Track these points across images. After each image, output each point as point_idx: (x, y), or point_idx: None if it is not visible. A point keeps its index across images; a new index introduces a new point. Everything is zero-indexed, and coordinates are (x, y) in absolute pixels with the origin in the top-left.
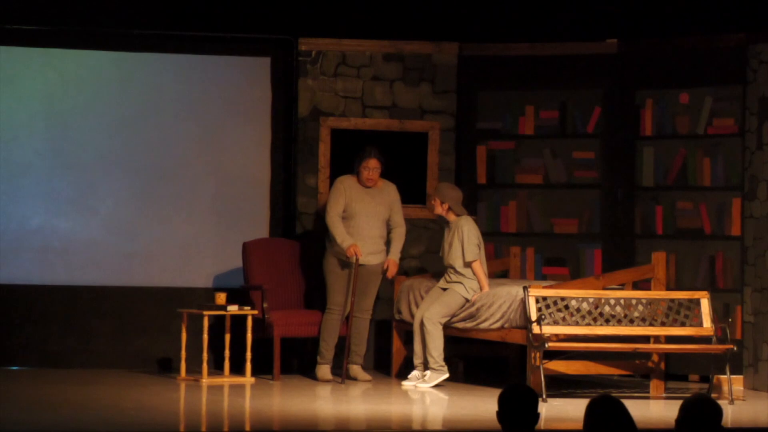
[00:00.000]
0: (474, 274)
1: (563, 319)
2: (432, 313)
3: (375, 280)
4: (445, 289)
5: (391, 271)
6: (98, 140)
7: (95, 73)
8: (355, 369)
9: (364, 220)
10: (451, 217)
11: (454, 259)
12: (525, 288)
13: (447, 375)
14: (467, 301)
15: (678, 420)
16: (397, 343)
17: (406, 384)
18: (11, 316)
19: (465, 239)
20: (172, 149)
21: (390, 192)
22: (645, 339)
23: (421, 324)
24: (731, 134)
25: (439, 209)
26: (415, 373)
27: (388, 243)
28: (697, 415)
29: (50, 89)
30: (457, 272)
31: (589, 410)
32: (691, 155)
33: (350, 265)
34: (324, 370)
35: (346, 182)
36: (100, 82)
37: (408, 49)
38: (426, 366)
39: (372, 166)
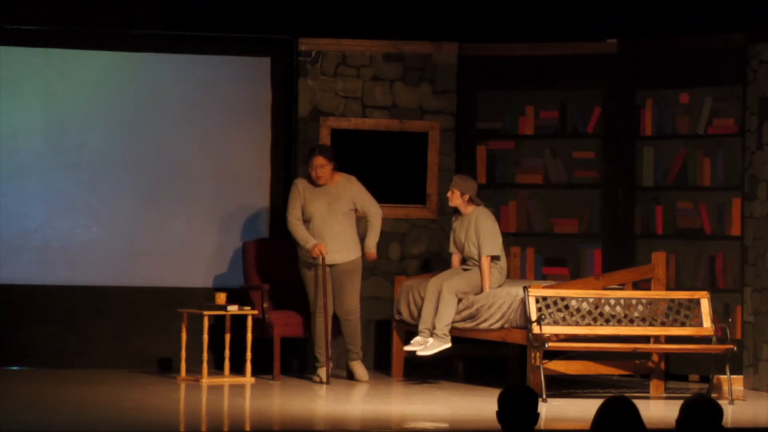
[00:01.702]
0: (481, 267)
1: (563, 319)
2: (453, 283)
3: (351, 279)
4: (466, 269)
5: (369, 257)
6: (98, 140)
7: (95, 73)
8: (354, 365)
9: (323, 219)
10: (469, 208)
11: (472, 250)
12: (525, 288)
13: (449, 345)
14: (481, 291)
15: (678, 420)
16: (397, 343)
17: (408, 348)
18: (11, 316)
19: (488, 231)
20: (172, 149)
21: (347, 185)
22: (645, 339)
23: (439, 292)
24: (731, 134)
25: (458, 200)
26: (417, 339)
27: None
28: (697, 415)
29: (50, 89)
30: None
31: (602, 410)
32: (691, 155)
33: (327, 266)
34: (320, 371)
35: (301, 185)
36: (100, 82)
37: (408, 49)
38: (431, 333)
39: (318, 164)
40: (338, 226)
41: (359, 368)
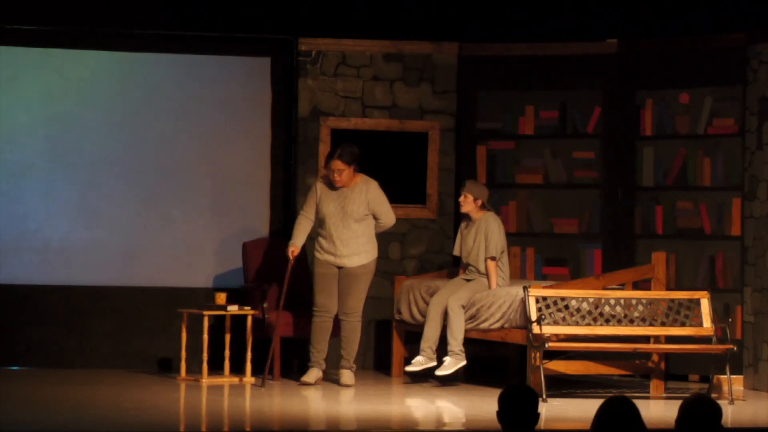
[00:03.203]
0: (487, 269)
1: (563, 319)
2: (458, 296)
3: (356, 281)
4: (468, 280)
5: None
6: (98, 140)
7: (95, 73)
8: (343, 372)
9: (336, 221)
10: (479, 214)
11: (478, 256)
12: (525, 288)
13: (465, 362)
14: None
15: (678, 420)
16: (397, 343)
17: (411, 369)
18: (11, 316)
19: (494, 234)
20: (172, 149)
21: (364, 190)
22: (645, 339)
23: (445, 309)
24: (731, 134)
25: (471, 206)
26: (419, 359)
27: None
28: (697, 415)
29: (50, 89)
30: (482, 270)
31: (602, 410)
32: (691, 155)
33: (336, 268)
34: (309, 372)
35: (319, 185)
36: (100, 82)
37: (408, 49)
38: (434, 351)
39: (336, 168)
40: (350, 231)
41: (346, 375)
